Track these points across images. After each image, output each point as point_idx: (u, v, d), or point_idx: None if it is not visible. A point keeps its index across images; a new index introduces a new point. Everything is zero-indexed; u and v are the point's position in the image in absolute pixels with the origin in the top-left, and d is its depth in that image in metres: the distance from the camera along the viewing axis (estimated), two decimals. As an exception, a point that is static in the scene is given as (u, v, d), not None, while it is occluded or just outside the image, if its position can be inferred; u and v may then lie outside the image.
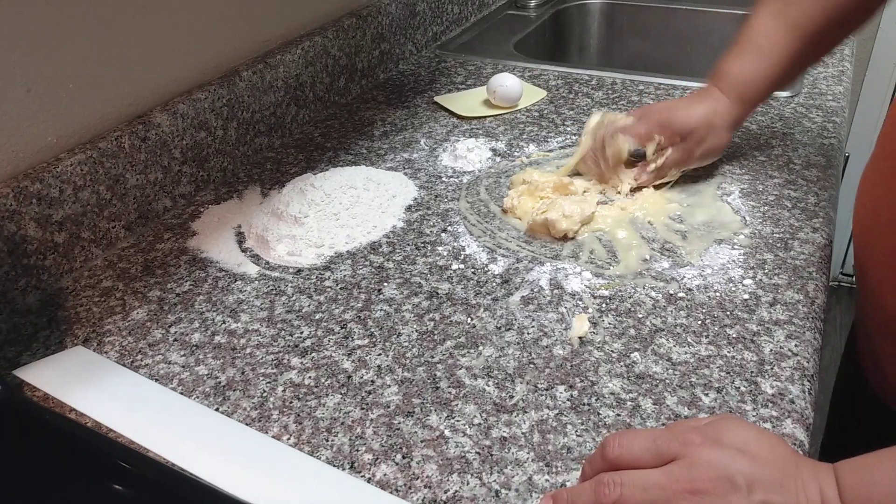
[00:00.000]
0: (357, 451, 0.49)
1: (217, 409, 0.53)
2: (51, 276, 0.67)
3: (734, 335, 0.57)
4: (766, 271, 0.64)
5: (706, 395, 0.52)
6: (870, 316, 0.63)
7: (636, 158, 0.74)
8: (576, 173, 0.79)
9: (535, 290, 0.63)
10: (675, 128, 0.72)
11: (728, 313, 0.60)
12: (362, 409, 0.53)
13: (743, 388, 0.53)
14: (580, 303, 0.61)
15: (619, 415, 0.51)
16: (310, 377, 0.56)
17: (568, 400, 0.52)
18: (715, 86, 0.73)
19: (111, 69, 0.71)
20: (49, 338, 0.61)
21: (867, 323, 0.64)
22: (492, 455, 0.48)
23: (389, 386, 0.54)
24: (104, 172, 0.70)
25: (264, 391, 0.54)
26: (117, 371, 0.57)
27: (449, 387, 0.54)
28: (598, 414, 0.51)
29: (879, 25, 1.80)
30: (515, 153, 0.85)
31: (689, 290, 0.62)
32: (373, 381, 0.55)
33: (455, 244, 0.70)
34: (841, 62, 1.06)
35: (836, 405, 0.81)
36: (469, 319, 0.60)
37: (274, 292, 0.65)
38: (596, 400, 0.52)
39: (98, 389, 0.55)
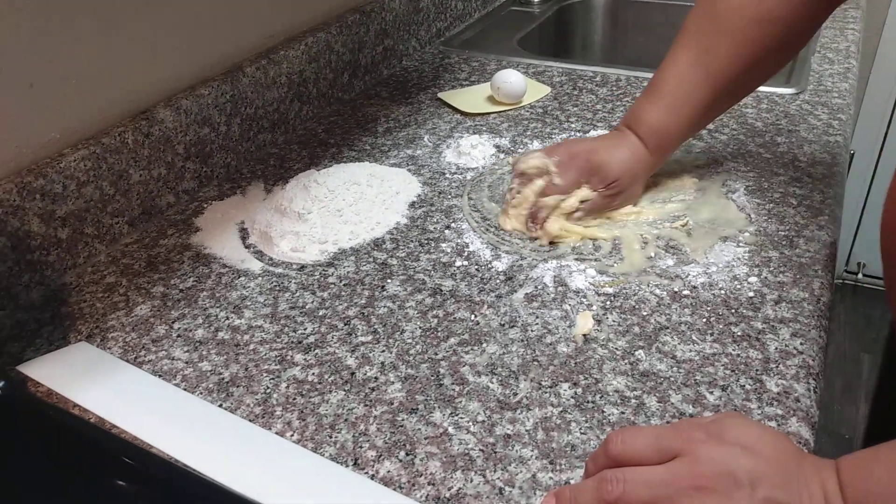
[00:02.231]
0: (360, 447, 0.49)
1: (220, 406, 0.53)
2: (54, 272, 0.67)
3: (739, 333, 0.57)
4: (771, 269, 0.64)
5: (711, 393, 0.52)
6: None
7: None
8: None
9: (539, 287, 0.63)
10: (600, 175, 0.69)
11: (733, 311, 0.59)
12: (366, 405, 0.52)
13: (748, 387, 0.52)
14: (584, 300, 0.61)
15: (623, 412, 0.51)
16: (313, 373, 0.56)
17: (572, 397, 0.52)
18: (632, 131, 0.70)
19: (114, 65, 0.71)
20: (52, 333, 0.61)
21: None
22: (495, 452, 0.48)
23: (393, 383, 0.54)
24: (107, 168, 0.69)
25: (268, 387, 0.54)
26: (121, 367, 0.57)
27: (452, 384, 0.54)
28: (603, 412, 0.51)
29: (885, 23, 1.79)
30: (519, 150, 0.85)
31: (694, 287, 0.62)
32: (376, 378, 0.55)
33: (459, 241, 0.70)
34: (847, 59, 1.05)
35: (875, 421, 0.80)
36: (473, 316, 0.60)
37: (277, 288, 0.65)
38: (600, 397, 0.52)
39: (101, 385, 0.55)
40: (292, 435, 0.51)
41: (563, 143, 0.74)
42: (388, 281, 0.65)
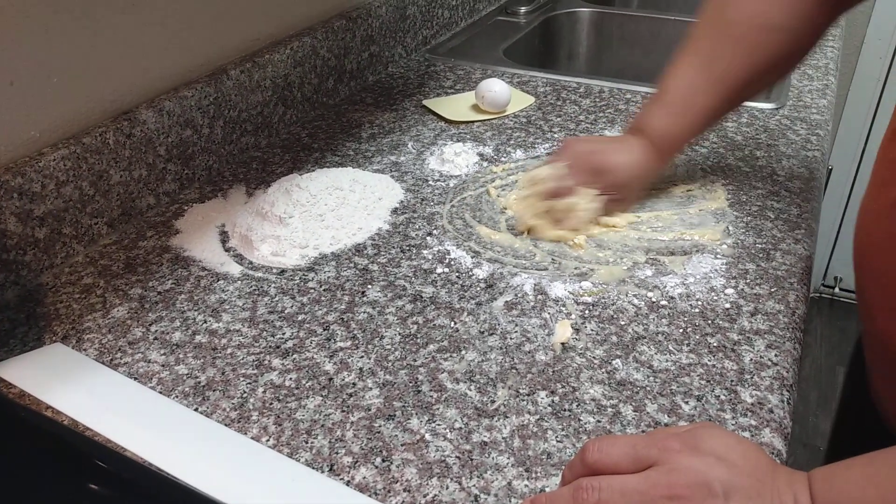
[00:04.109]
0: (337, 453, 0.49)
1: (196, 409, 0.53)
2: (30, 272, 0.66)
3: (715, 344, 0.58)
4: (747, 281, 0.64)
5: (686, 402, 0.52)
6: (870, 343, 0.63)
7: None
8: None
9: (519, 295, 0.63)
10: (607, 178, 0.70)
11: (709, 322, 0.60)
12: (343, 411, 0.52)
13: (723, 397, 0.53)
14: (563, 309, 0.62)
15: (599, 421, 0.51)
16: (291, 379, 0.55)
17: (549, 405, 0.52)
18: (640, 137, 0.71)
19: (97, 64, 0.71)
20: (27, 334, 0.60)
21: (868, 349, 0.65)
22: (472, 460, 0.48)
23: (371, 389, 0.54)
24: (87, 168, 0.69)
25: (244, 392, 0.54)
26: (96, 369, 0.57)
27: (430, 390, 0.54)
28: (579, 420, 0.51)
29: (863, 41, 1.82)
30: (503, 158, 0.86)
31: (672, 298, 0.63)
32: (354, 384, 0.55)
33: (440, 248, 0.70)
34: (825, 76, 1.07)
35: (839, 431, 0.81)
36: (452, 323, 0.60)
37: (256, 293, 0.65)
38: (577, 406, 0.52)
39: (76, 387, 0.55)
40: (268, 440, 0.50)
41: (568, 142, 0.74)
42: (369, 286, 0.65)
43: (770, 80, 0.71)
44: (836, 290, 2.15)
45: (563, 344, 0.58)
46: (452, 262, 0.68)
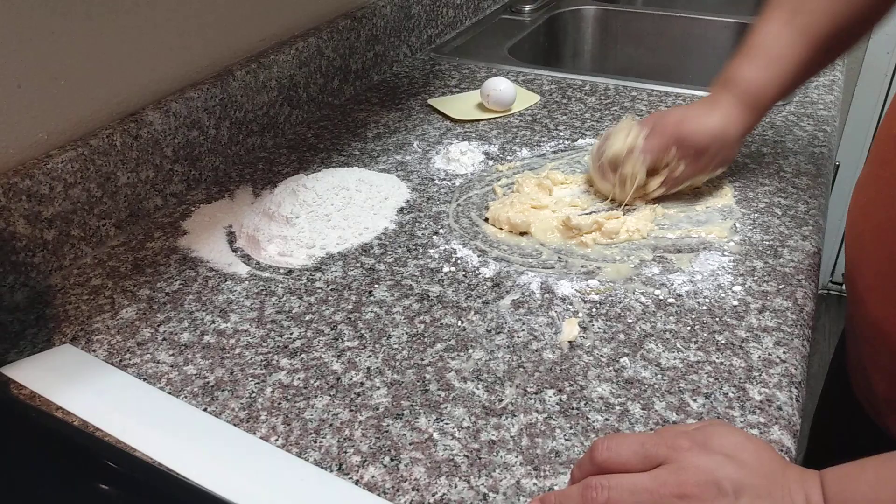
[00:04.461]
0: (345, 452, 0.49)
1: (205, 410, 0.53)
2: (39, 274, 0.66)
3: (723, 341, 0.58)
4: (755, 278, 0.64)
5: (694, 400, 0.52)
6: (857, 324, 0.63)
7: None
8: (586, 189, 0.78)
9: (526, 293, 0.63)
10: (688, 143, 0.70)
11: (717, 319, 0.60)
12: (351, 410, 0.52)
13: (731, 395, 0.53)
14: (570, 307, 0.62)
15: (607, 419, 0.51)
16: (299, 378, 0.55)
17: (557, 404, 0.52)
18: (727, 92, 0.71)
19: (103, 66, 0.71)
20: (37, 335, 0.61)
21: (854, 331, 0.65)
22: (480, 458, 0.48)
23: (379, 388, 0.54)
24: (95, 170, 0.69)
25: (253, 392, 0.54)
26: (105, 370, 0.57)
27: (438, 389, 0.54)
28: (587, 418, 0.51)
29: (870, 37, 1.81)
30: (508, 157, 0.86)
31: (679, 295, 0.62)
32: (362, 383, 0.55)
33: (446, 247, 0.70)
34: (832, 72, 1.06)
35: (821, 414, 0.81)
36: (459, 322, 0.60)
37: (264, 293, 0.65)
38: (585, 404, 0.52)
39: (85, 388, 0.55)
40: (277, 439, 0.50)
41: (655, 115, 0.74)
42: (376, 286, 0.65)
43: (858, 33, 0.69)
44: (844, 286, 2.14)
45: (570, 342, 0.58)
46: (459, 261, 0.68)
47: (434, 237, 0.71)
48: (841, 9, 0.67)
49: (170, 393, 0.55)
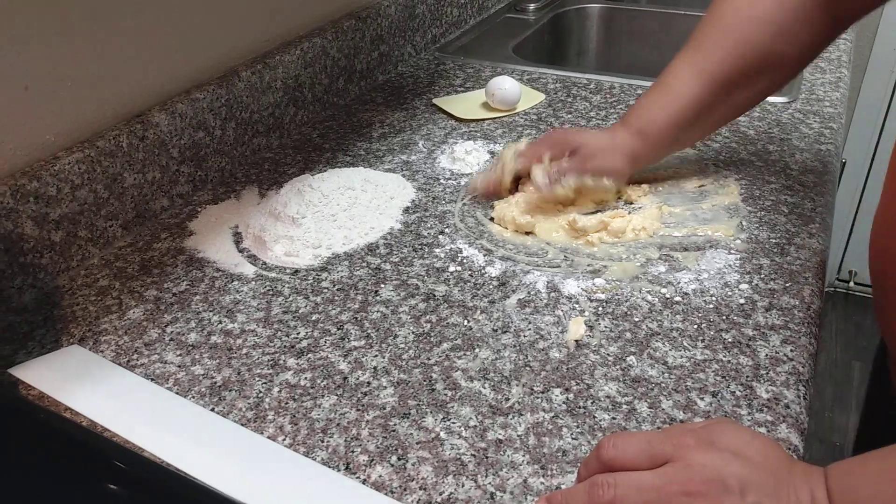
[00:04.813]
0: (352, 452, 0.49)
1: (213, 410, 0.53)
2: (47, 275, 0.67)
3: (730, 339, 0.57)
4: (762, 276, 0.64)
5: (701, 399, 0.52)
6: (891, 348, 0.62)
7: None
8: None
9: (532, 292, 0.63)
10: (565, 144, 0.73)
11: (724, 318, 0.60)
12: (358, 410, 0.53)
13: (738, 393, 0.53)
14: (577, 306, 0.62)
15: (614, 418, 0.51)
16: (306, 378, 0.56)
17: (563, 403, 0.52)
18: (621, 123, 0.74)
19: (110, 68, 0.71)
20: (45, 336, 0.61)
21: (889, 354, 0.64)
22: (487, 457, 0.49)
23: (385, 387, 0.54)
24: (102, 171, 0.70)
25: (260, 392, 0.54)
26: (113, 370, 0.57)
27: (445, 389, 0.54)
28: (594, 417, 0.51)
29: (877, 32, 1.80)
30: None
31: (686, 294, 0.62)
32: (369, 383, 0.55)
33: (452, 246, 0.70)
34: (838, 69, 1.06)
35: (865, 432, 0.80)
36: (465, 322, 0.60)
37: (271, 293, 0.65)
38: (591, 403, 0.52)
39: (93, 389, 0.55)
40: (284, 439, 0.51)
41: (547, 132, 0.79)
42: (382, 286, 0.65)
43: (766, 80, 0.69)
44: (851, 284, 2.14)
45: (576, 341, 0.58)
46: (465, 261, 0.68)
47: (440, 237, 0.72)
48: (742, 51, 0.67)
49: (177, 393, 0.55)
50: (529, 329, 0.59)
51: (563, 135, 0.75)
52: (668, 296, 0.62)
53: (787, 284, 0.63)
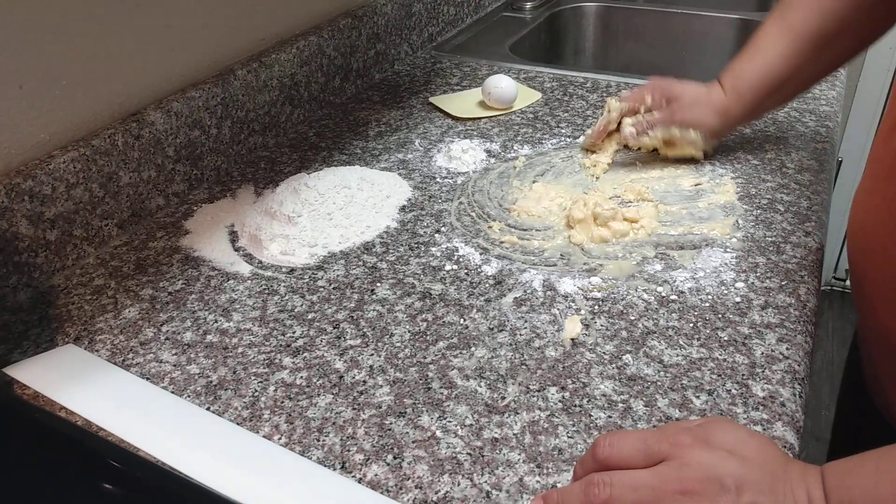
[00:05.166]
0: (348, 451, 0.49)
1: (208, 409, 0.53)
2: (42, 274, 0.66)
3: (726, 338, 0.58)
4: (758, 274, 0.64)
5: (697, 397, 0.52)
6: (869, 334, 0.62)
7: None
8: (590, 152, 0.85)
9: (528, 291, 0.63)
10: (664, 90, 0.79)
11: (720, 316, 0.60)
12: (354, 409, 0.52)
13: (734, 391, 0.53)
14: (573, 304, 0.62)
15: (610, 416, 0.51)
16: (301, 377, 0.55)
17: (559, 401, 0.52)
18: (717, 81, 0.77)
19: (105, 66, 0.71)
20: (40, 336, 0.61)
21: (867, 341, 0.64)
22: (483, 456, 0.48)
23: (381, 386, 0.54)
24: (97, 170, 0.69)
25: (256, 391, 0.54)
26: (108, 369, 0.57)
27: (441, 387, 0.54)
28: (590, 415, 0.51)
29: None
30: (510, 155, 0.86)
31: (682, 292, 0.62)
32: (365, 382, 0.55)
33: (448, 245, 0.70)
34: (834, 67, 1.06)
35: (840, 422, 0.81)
36: (462, 320, 0.60)
37: (266, 292, 0.65)
38: (587, 401, 0.52)
39: (89, 388, 0.55)
40: (280, 438, 0.50)
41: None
42: (378, 285, 0.65)
43: (849, 40, 0.71)
44: (847, 282, 2.14)
45: (572, 340, 0.58)
46: (461, 259, 0.68)
47: (436, 235, 0.71)
48: (827, 9, 0.69)
49: (173, 392, 0.55)
50: (525, 328, 0.59)
51: (666, 84, 0.80)
52: (664, 294, 0.62)
53: (783, 283, 0.63)
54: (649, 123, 0.79)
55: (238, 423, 0.52)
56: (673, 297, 0.62)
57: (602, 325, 0.59)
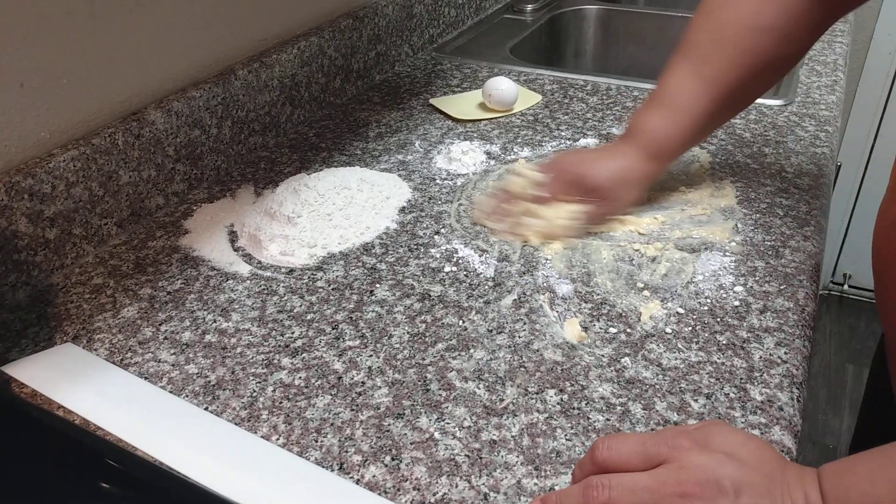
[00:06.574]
0: (346, 452, 0.49)
1: (206, 409, 0.53)
2: (41, 273, 0.66)
3: (724, 342, 0.58)
4: (756, 279, 0.64)
5: (695, 400, 0.52)
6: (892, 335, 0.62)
7: None
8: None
9: (527, 293, 0.63)
10: (586, 186, 0.69)
11: (718, 320, 0.60)
12: (352, 410, 0.52)
13: (732, 395, 0.53)
14: (572, 307, 0.62)
15: (608, 419, 0.51)
16: (300, 377, 0.55)
17: (558, 404, 0.52)
18: (630, 140, 0.70)
19: (106, 65, 0.71)
20: (38, 334, 0.61)
21: (893, 358, 0.63)
22: (481, 458, 0.49)
23: (380, 387, 0.54)
24: (97, 169, 0.69)
25: (254, 391, 0.54)
26: (107, 369, 0.57)
27: (439, 389, 0.54)
28: (588, 418, 0.51)
29: (872, 36, 1.81)
30: (509, 157, 0.86)
31: (680, 296, 0.62)
32: (363, 383, 0.55)
33: (448, 246, 0.70)
34: (834, 72, 1.06)
35: (862, 434, 0.80)
36: (461, 322, 0.60)
37: (265, 292, 0.65)
38: (586, 404, 0.52)
39: (87, 387, 0.55)
40: (278, 439, 0.50)
41: (555, 157, 0.74)
42: (377, 286, 0.65)
43: (767, 82, 0.69)
44: (846, 286, 2.14)
45: (571, 342, 0.58)
46: (460, 261, 0.68)
47: (435, 237, 0.71)
48: (746, 62, 0.65)
49: (171, 392, 0.55)
50: (524, 330, 0.59)
51: (574, 174, 0.70)
52: (662, 297, 0.62)
53: (782, 287, 0.63)
54: (593, 219, 0.70)
55: (236, 424, 0.52)
56: (672, 300, 0.62)
57: (601, 328, 0.59)
